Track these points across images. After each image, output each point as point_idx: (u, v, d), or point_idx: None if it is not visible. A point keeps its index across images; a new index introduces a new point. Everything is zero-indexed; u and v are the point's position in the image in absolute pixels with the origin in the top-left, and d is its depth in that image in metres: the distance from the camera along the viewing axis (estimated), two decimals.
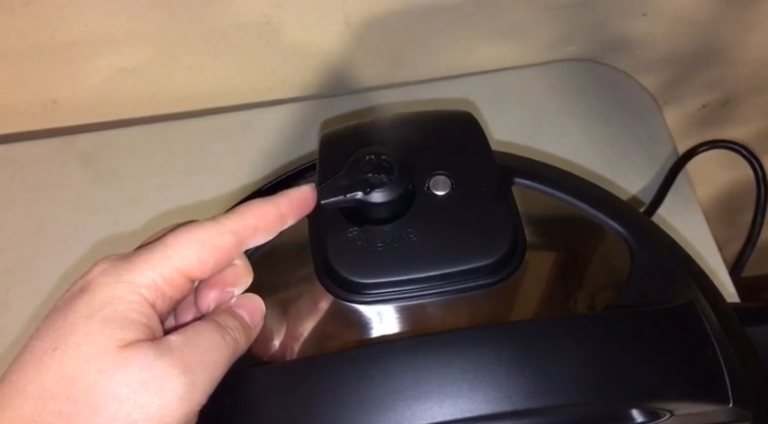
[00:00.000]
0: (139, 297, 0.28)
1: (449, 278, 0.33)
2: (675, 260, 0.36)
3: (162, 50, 0.62)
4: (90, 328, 0.27)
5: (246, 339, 0.31)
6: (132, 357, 0.27)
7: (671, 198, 0.62)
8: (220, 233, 0.30)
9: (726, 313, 0.34)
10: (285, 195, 0.33)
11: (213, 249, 0.30)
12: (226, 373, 0.30)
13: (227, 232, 0.30)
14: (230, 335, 0.30)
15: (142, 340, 0.27)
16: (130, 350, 0.27)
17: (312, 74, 0.67)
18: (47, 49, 0.60)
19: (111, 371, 0.26)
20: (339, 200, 0.33)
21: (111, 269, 0.29)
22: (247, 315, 0.32)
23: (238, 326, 0.31)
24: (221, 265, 0.31)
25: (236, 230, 0.31)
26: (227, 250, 0.31)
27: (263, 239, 0.32)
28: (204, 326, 0.29)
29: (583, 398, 0.27)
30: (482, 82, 0.68)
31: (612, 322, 0.30)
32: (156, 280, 0.29)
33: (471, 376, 0.27)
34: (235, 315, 0.31)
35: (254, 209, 0.32)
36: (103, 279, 0.28)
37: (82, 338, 0.27)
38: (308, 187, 0.33)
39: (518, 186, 0.37)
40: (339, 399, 0.28)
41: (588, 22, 0.67)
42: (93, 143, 0.65)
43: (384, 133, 0.37)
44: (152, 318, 0.28)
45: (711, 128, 0.82)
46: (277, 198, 0.32)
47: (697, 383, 0.29)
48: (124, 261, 0.29)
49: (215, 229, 0.30)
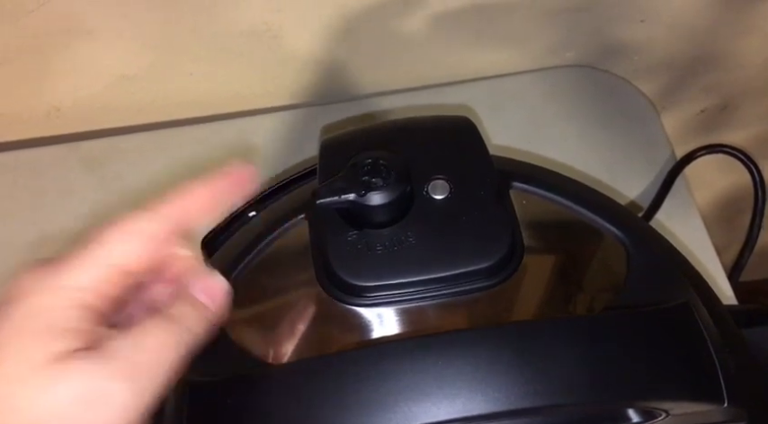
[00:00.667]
0: (74, 303, 0.26)
1: (447, 281, 0.33)
2: (671, 262, 0.36)
3: (163, 57, 0.63)
4: (21, 342, 0.25)
5: (206, 323, 0.29)
6: (70, 371, 0.24)
7: (669, 203, 0.62)
8: (151, 220, 0.28)
9: (721, 315, 0.34)
10: (218, 174, 0.30)
11: (147, 239, 0.28)
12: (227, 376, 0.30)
13: (158, 218, 0.28)
14: (184, 327, 0.28)
15: (80, 349, 0.25)
16: (67, 363, 0.24)
17: (313, 80, 0.68)
18: (49, 57, 0.60)
19: (47, 387, 0.24)
20: (334, 201, 0.33)
21: (39, 276, 0.26)
22: (206, 297, 0.29)
23: (194, 314, 0.28)
24: (160, 254, 0.29)
25: (169, 215, 0.28)
26: (162, 237, 0.28)
27: (201, 222, 0.30)
28: (153, 323, 0.27)
29: (579, 398, 0.28)
30: (481, 88, 0.68)
31: (608, 322, 0.30)
32: (91, 281, 0.26)
33: (470, 377, 0.28)
34: (190, 302, 0.29)
35: (185, 193, 0.29)
36: (32, 288, 0.26)
37: (13, 354, 0.24)
38: (243, 167, 0.31)
39: (516, 190, 0.38)
40: (339, 400, 0.28)
41: (586, 28, 0.67)
42: (97, 149, 0.66)
43: (383, 138, 0.38)
44: (91, 323, 0.26)
45: (710, 132, 0.83)
46: (209, 179, 0.30)
47: (692, 382, 0.29)
48: (51, 268, 0.26)
49: (145, 218, 0.28)
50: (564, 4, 0.63)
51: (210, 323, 0.29)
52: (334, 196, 0.33)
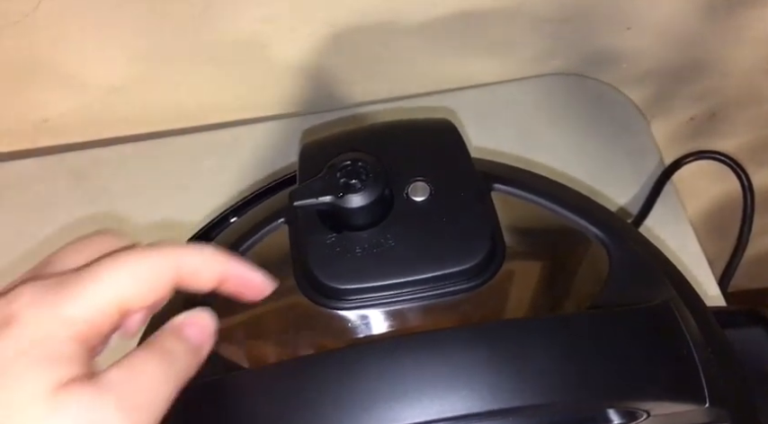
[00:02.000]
0: (73, 334, 0.25)
1: (428, 283, 0.33)
2: (652, 261, 0.36)
3: (151, 68, 0.63)
4: (20, 369, 0.24)
5: (196, 361, 0.28)
6: (68, 401, 0.24)
7: (659, 211, 0.62)
8: (161, 268, 0.27)
9: (704, 315, 0.34)
10: (241, 265, 0.30)
11: (152, 284, 0.27)
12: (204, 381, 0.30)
13: (168, 267, 0.28)
14: (177, 361, 0.27)
15: (79, 377, 0.24)
16: (66, 392, 0.24)
17: (301, 90, 0.68)
18: (37, 68, 0.60)
19: (47, 417, 0.23)
20: (312, 203, 0.33)
21: (40, 299, 0.25)
22: (195, 335, 0.29)
23: (186, 350, 0.28)
24: (159, 299, 0.28)
25: (179, 267, 0.28)
26: (167, 286, 0.28)
27: (194, 288, 0.29)
28: (148, 356, 0.26)
29: (558, 398, 0.27)
30: (468, 96, 0.68)
31: (587, 321, 0.30)
32: (93, 315, 0.26)
33: (447, 377, 0.27)
34: (182, 337, 0.28)
35: (203, 253, 0.29)
36: (32, 312, 0.25)
37: (11, 381, 0.24)
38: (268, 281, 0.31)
39: (497, 191, 0.37)
40: (316, 402, 0.28)
41: (573, 37, 0.68)
42: (84, 161, 0.66)
43: (364, 141, 0.37)
44: (86, 354, 0.25)
45: (700, 140, 0.83)
46: (232, 260, 0.30)
47: (673, 382, 0.29)
48: (54, 291, 0.26)
49: (156, 264, 0.27)
50: (551, 13, 0.64)
51: (200, 359, 0.29)
52: (311, 197, 0.33)
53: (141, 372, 0.26)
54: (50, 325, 0.25)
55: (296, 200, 0.33)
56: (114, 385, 0.25)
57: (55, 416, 0.24)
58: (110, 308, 0.26)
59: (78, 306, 0.25)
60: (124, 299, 0.26)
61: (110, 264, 0.27)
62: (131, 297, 0.27)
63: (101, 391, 0.24)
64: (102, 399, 0.24)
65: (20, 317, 0.25)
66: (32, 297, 0.25)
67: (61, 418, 0.24)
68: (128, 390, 0.25)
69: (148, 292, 0.27)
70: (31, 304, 0.25)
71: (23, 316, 0.25)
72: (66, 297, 0.25)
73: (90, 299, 0.26)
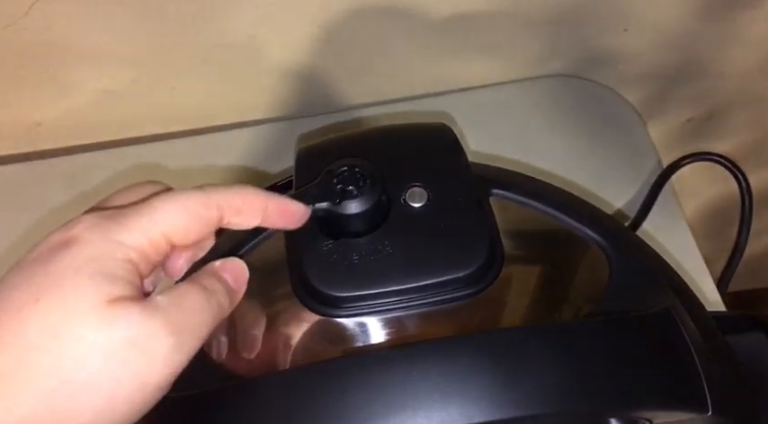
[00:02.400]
0: (126, 257, 0.27)
1: (426, 290, 0.33)
2: (653, 267, 0.36)
3: (145, 72, 0.62)
4: (77, 282, 0.26)
5: (230, 303, 0.31)
6: (120, 314, 0.26)
7: (657, 213, 0.62)
8: (207, 205, 0.30)
9: (705, 321, 0.33)
10: (279, 197, 0.32)
11: (198, 219, 0.29)
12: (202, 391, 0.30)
13: (214, 205, 0.30)
14: (215, 298, 0.30)
15: (129, 297, 0.27)
16: (118, 307, 0.26)
17: (295, 93, 0.67)
18: (30, 71, 0.60)
19: (98, 326, 0.26)
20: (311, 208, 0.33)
21: (98, 226, 0.28)
22: (231, 279, 0.31)
23: (223, 290, 0.30)
24: (202, 236, 0.30)
25: (222, 206, 0.30)
26: (211, 223, 0.30)
27: (241, 225, 0.31)
28: (190, 288, 0.29)
29: (559, 408, 0.27)
30: (465, 98, 0.68)
31: (588, 330, 0.29)
32: (143, 243, 0.28)
33: (446, 387, 0.27)
34: (220, 279, 0.31)
35: (243, 193, 0.31)
36: (90, 235, 0.27)
37: (69, 291, 0.26)
38: (305, 207, 0.33)
39: (495, 196, 0.37)
40: (312, 413, 0.28)
41: (570, 38, 0.67)
42: (78, 165, 0.65)
43: (360, 146, 0.37)
44: (137, 278, 0.28)
45: (697, 142, 0.83)
46: (270, 195, 0.32)
47: (676, 391, 0.29)
48: (111, 220, 0.28)
49: (202, 201, 0.30)
50: (547, 15, 0.63)
51: (234, 302, 0.31)
52: (309, 205, 0.33)
53: (185, 299, 0.28)
54: (107, 247, 0.27)
55: None
56: (161, 307, 0.27)
57: (107, 326, 0.26)
58: (160, 238, 0.28)
59: (132, 234, 0.28)
60: (173, 231, 0.29)
61: (162, 199, 0.29)
62: (180, 230, 0.29)
63: (149, 309, 0.27)
64: (150, 316, 0.27)
65: (79, 238, 0.27)
66: (92, 223, 0.28)
67: (112, 328, 0.26)
68: (173, 312, 0.27)
69: (195, 226, 0.29)
70: (90, 229, 0.28)
71: (83, 238, 0.27)
72: (122, 225, 0.28)
73: (143, 228, 0.28)
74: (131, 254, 0.28)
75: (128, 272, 0.27)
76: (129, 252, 0.28)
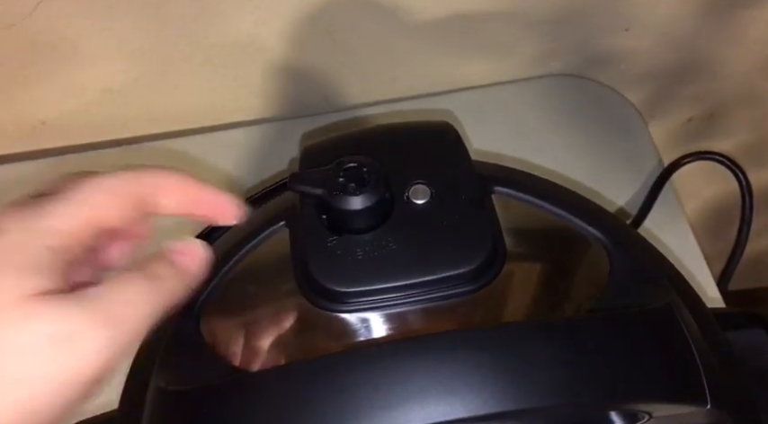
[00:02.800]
0: (47, 244, 0.26)
1: (428, 286, 0.33)
2: (653, 263, 0.36)
3: (148, 71, 0.62)
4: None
5: (184, 286, 0.29)
6: (45, 308, 0.25)
7: (657, 212, 0.62)
8: (132, 183, 0.29)
9: (705, 316, 0.34)
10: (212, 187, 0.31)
11: (123, 198, 0.28)
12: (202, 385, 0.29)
13: (138, 183, 0.29)
14: (163, 285, 0.28)
15: (54, 290, 0.25)
16: (43, 300, 0.25)
17: (297, 92, 0.67)
18: (34, 70, 0.60)
19: (21, 323, 0.24)
20: (306, 190, 0.33)
21: (16, 214, 0.26)
22: (186, 260, 0.30)
23: (173, 273, 0.29)
24: (130, 218, 0.29)
25: (149, 184, 0.29)
26: (138, 203, 0.29)
27: (171, 209, 0.30)
28: (129, 276, 0.28)
29: (559, 401, 0.27)
30: (466, 98, 0.68)
31: (588, 324, 0.30)
32: (65, 229, 0.27)
33: (448, 380, 0.27)
34: (171, 263, 0.29)
35: (174, 176, 0.30)
36: (8, 226, 0.26)
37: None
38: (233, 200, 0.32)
39: (497, 194, 0.37)
40: (313, 407, 0.28)
41: (571, 38, 0.67)
42: (81, 164, 0.65)
43: (365, 144, 0.37)
44: (61, 268, 0.26)
45: (698, 141, 0.83)
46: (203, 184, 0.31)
47: (675, 384, 0.29)
48: (29, 208, 0.27)
49: (127, 179, 0.29)
50: (548, 14, 0.64)
51: (188, 287, 0.30)
52: (307, 185, 0.33)
53: (124, 289, 0.27)
54: (26, 236, 0.26)
55: (293, 183, 0.33)
56: (94, 300, 0.26)
57: (27, 322, 0.24)
58: (83, 220, 0.27)
59: (51, 219, 0.26)
60: (96, 212, 0.27)
61: (82, 181, 0.28)
62: (103, 211, 0.28)
63: (79, 303, 0.25)
64: (78, 311, 0.25)
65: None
66: (12, 213, 0.26)
67: (35, 325, 0.24)
68: (106, 303, 0.26)
69: (119, 207, 0.28)
70: (8, 219, 0.26)
71: (2, 228, 0.26)
72: (43, 211, 0.26)
73: (63, 213, 0.27)
74: (52, 241, 0.26)
75: (50, 261, 0.26)
76: (49, 240, 0.26)
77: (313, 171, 0.34)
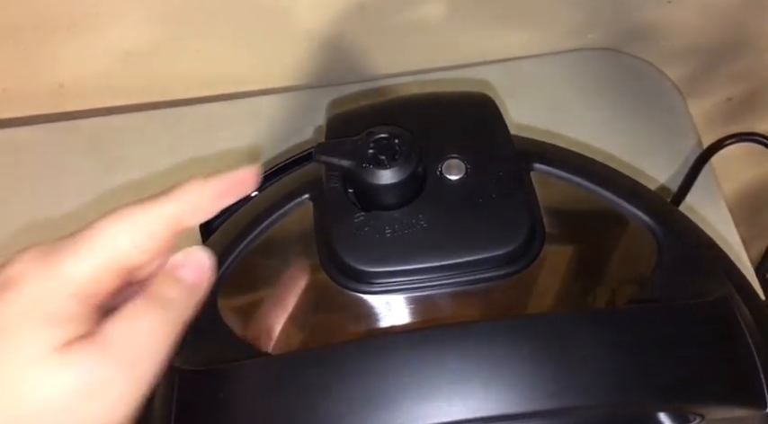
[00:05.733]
0: (74, 291, 0.25)
1: (461, 268, 0.31)
2: (706, 253, 0.34)
3: (170, 34, 0.61)
4: (24, 330, 0.25)
5: (192, 304, 0.28)
6: (72, 360, 0.25)
7: (695, 194, 0.60)
8: (156, 219, 0.27)
9: (761, 311, 0.31)
10: (223, 176, 0.30)
11: (149, 235, 0.27)
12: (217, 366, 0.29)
13: (164, 217, 0.28)
14: (173, 308, 0.27)
15: (81, 336, 0.25)
16: (69, 352, 0.25)
17: (324, 60, 0.65)
18: (53, 31, 0.59)
19: (51, 377, 0.24)
20: (333, 162, 0.32)
21: (38, 262, 0.26)
22: (190, 275, 0.29)
23: (182, 294, 0.28)
24: (159, 252, 0.28)
25: (174, 214, 0.28)
26: (166, 235, 0.28)
27: (200, 220, 0.29)
28: (144, 307, 0.27)
29: (606, 399, 0.25)
30: (499, 70, 0.66)
31: (641, 316, 0.28)
32: (90, 271, 0.26)
33: (485, 373, 0.26)
34: (177, 280, 0.28)
35: (191, 191, 0.29)
36: (30, 274, 0.25)
37: (15, 342, 0.24)
38: (248, 169, 0.30)
39: (537, 172, 0.35)
40: (341, 394, 0.26)
41: (611, 10, 0.65)
42: (100, 128, 0.64)
43: (396, 113, 0.35)
44: (88, 314, 0.26)
45: (736, 121, 0.80)
46: (215, 180, 0.29)
47: (731, 385, 0.27)
48: (51, 253, 0.26)
49: (150, 216, 0.27)
50: None
51: (198, 301, 0.29)
52: (334, 156, 0.31)
53: (139, 325, 0.26)
54: (50, 285, 0.25)
55: (319, 154, 0.32)
56: (113, 340, 0.25)
57: (59, 375, 0.24)
58: (108, 264, 0.26)
59: (77, 265, 0.26)
60: (123, 255, 0.27)
61: (105, 222, 0.27)
62: (130, 253, 0.27)
63: (101, 347, 0.25)
64: (102, 356, 0.25)
65: (20, 279, 0.25)
66: (32, 260, 0.26)
67: (65, 376, 0.24)
68: (127, 345, 0.26)
69: (148, 244, 0.27)
70: (31, 267, 0.26)
71: (24, 278, 0.25)
72: (64, 257, 0.26)
73: (87, 257, 0.26)
74: (79, 288, 0.26)
75: (75, 310, 0.25)
76: (75, 287, 0.26)
77: (340, 141, 0.32)
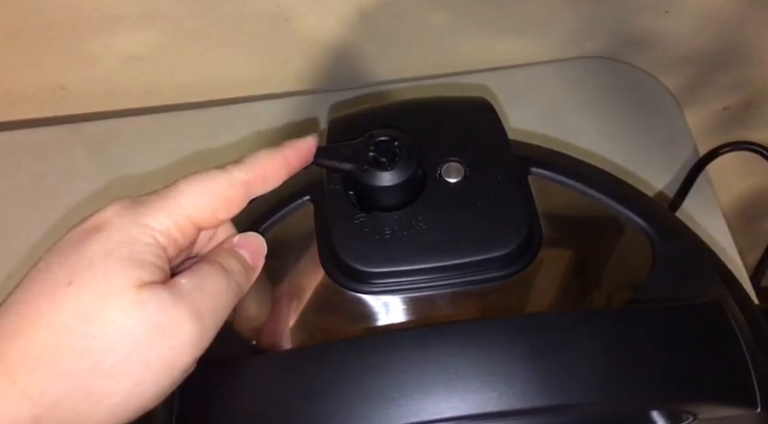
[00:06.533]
0: (154, 241, 0.28)
1: (459, 270, 0.32)
2: (701, 256, 0.34)
3: (172, 38, 0.61)
4: (108, 265, 0.27)
5: (248, 281, 0.31)
6: (148, 299, 0.27)
7: (691, 201, 0.60)
8: (231, 184, 0.30)
9: (754, 314, 0.32)
10: (291, 145, 0.32)
11: (224, 200, 0.30)
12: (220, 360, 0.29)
13: (238, 183, 0.30)
14: (234, 279, 0.30)
15: (157, 282, 0.27)
16: (147, 291, 0.27)
17: (325, 65, 0.66)
18: (56, 34, 0.59)
19: (129, 310, 0.26)
20: (334, 165, 0.32)
21: (127, 210, 0.28)
22: (249, 256, 0.32)
23: (241, 269, 0.31)
24: (229, 215, 0.31)
25: (247, 181, 0.31)
26: (237, 201, 0.31)
27: (269, 188, 0.32)
28: (211, 270, 0.29)
29: (601, 397, 0.26)
30: (497, 77, 0.66)
31: (635, 316, 0.28)
32: (170, 226, 0.29)
33: (482, 371, 0.26)
34: (237, 257, 0.31)
35: (263, 160, 0.31)
36: (119, 220, 0.28)
37: (100, 275, 0.27)
38: (311, 138, 0.33)
39: (535, 176, 0.36)
40: (340, 390, 0.26)
41: (608, 18, 0.65)
42: (101, 131, 0.64)
43: (397, 117, 0.36)
44: (164, 262, 0.28)
45: (733, 131, 0.80)
46: (284, 149, 0.32)
47: (723, 385, 0.27)
48: (139, 205, 0.29)
49: (226, 180, 0.30)
50: None
51: (250, 281, 0.31)
52: (335, 159, 0.32)
53: (208, 283, 0.29)
54: (135, 231, 0.28)
55: (320, 158, 0.32)
56: (186, 292, 0.28)
57: (136, 310, 0.26)
58: (185, 222, 0.29)
59: (158, 218, 0.28)
60: (198, 216, 0.29)
61: (187, 182, 0.30)
62: (205, 215, 0.30)
63: (176, 294, 0.27)
64: (176, 302, 0.27)
65: (109, 223, 0.28)
66: (122, 208, 0.28)
67: (143, 311, 0.26)
68: (197, 297, 0.28)
69: (219, 210, 0.30)
70: (119, 214, 0.28)
71: (113, 223, 0.28)
72: (148, 209, 0.29)
73: (169, 214, 0.29)
74: (159, 238, 0.28)
75: (155, 256, 0.28)
76: (156, 236, 0.28)
77: (342, 145, 0.32)
